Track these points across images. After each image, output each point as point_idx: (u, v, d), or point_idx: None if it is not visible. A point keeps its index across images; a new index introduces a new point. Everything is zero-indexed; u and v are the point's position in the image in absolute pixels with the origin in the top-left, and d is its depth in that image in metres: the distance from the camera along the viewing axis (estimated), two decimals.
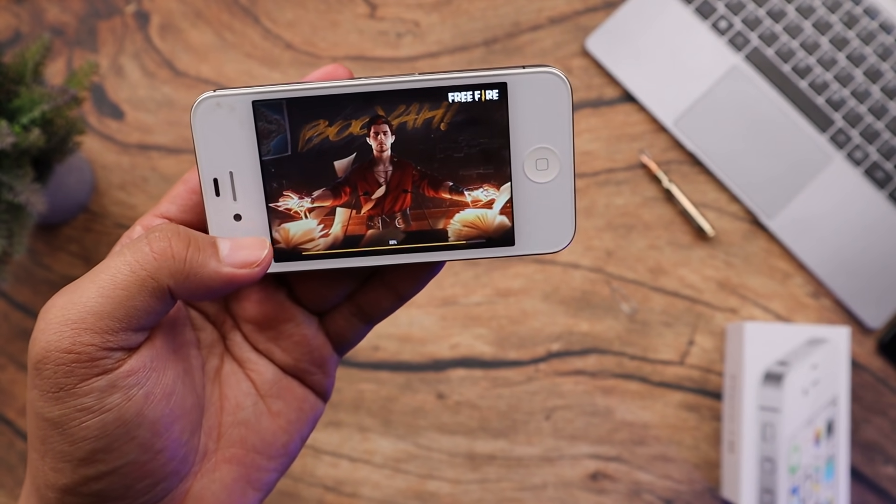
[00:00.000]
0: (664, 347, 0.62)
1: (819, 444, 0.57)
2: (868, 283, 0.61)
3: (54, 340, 0.24)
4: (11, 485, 0.62)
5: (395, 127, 0.28)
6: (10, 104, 0.51)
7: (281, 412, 0.30)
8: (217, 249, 0.26)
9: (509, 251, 0.29)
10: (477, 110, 0.28)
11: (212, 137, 0.28)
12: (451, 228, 0.29)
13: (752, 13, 0.64)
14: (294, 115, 0.28)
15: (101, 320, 0.24)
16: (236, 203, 0.29)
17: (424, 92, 0.28)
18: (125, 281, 0.25)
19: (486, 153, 0.28)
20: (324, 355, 0.31)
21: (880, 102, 0.63)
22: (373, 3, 0.66)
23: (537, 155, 0.28)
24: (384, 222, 0.29)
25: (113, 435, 0.25)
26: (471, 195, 0.28)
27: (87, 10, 0.67)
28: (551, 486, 0.61)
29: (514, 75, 0.28)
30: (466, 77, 0.28)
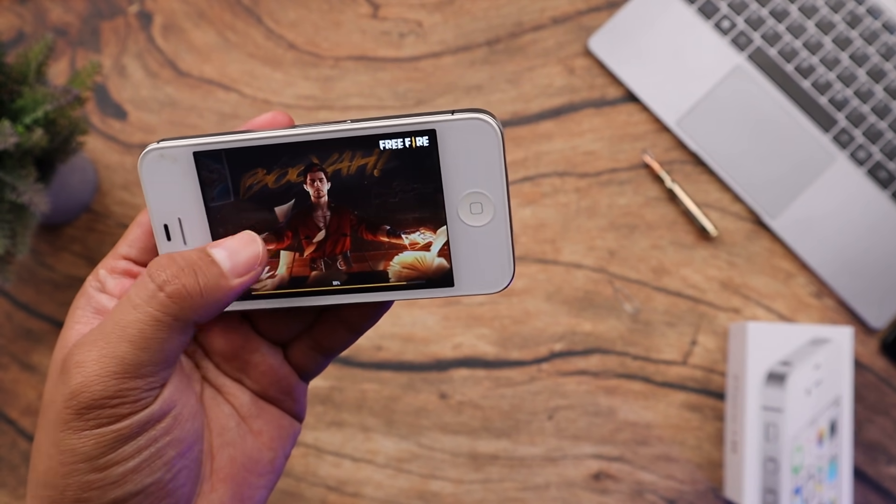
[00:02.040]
0: (667, 347, 0.62)
1: (822, 444, 0.57)
2: (871, 283, 0.61)
3: (99, 390, 0.25)
4: (14, 484, 0.62)
5: (330, 174, 0.28)
6: (13, 104, 0.51)
7: (263, 430, 0.31)
8: (218, 264, 0.27)
9: (449, 292, 0.29)
10: (408, 157, 0.28)
11: (159, 186, 0.29)
12: (392, 270, 0.29)
13: (755, 13, 0.64)
14: (233, 164, 0.29)
15: (142, 368, 0.26)
16: (186, 246, 0.30)
17: (356, 140, 0.28)
18: (154, 331, 0.26)
19: (421, 198, 0.28)
20: (290, 384, 0.32)
21: (883, 102, 0.63)
22: (375, 3, 0.66)
23: (471, 199, 0.28)
24: (327, 264, 0.29)
25: (144, 455, 0.26)
26: (408, 238, 0.29)
27: (90, 10, 0.67)
28: (554, 487, 0.61)
29: (442, 122, 0.28)
30: (395, 125, 0.28)
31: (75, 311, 0.29)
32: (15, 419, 0.63)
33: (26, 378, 0.63)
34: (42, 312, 0.64)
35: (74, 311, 0.29)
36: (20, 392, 0.63)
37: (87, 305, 0.29)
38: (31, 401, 0.63)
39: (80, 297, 0.29)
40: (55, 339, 0.63)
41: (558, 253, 0.63)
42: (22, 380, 0.63)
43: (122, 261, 0.30)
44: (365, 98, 0.65)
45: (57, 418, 0.26)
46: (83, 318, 0.29)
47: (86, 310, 0.29)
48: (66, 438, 0.25)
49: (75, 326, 0.29)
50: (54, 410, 0.26)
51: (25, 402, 0.63)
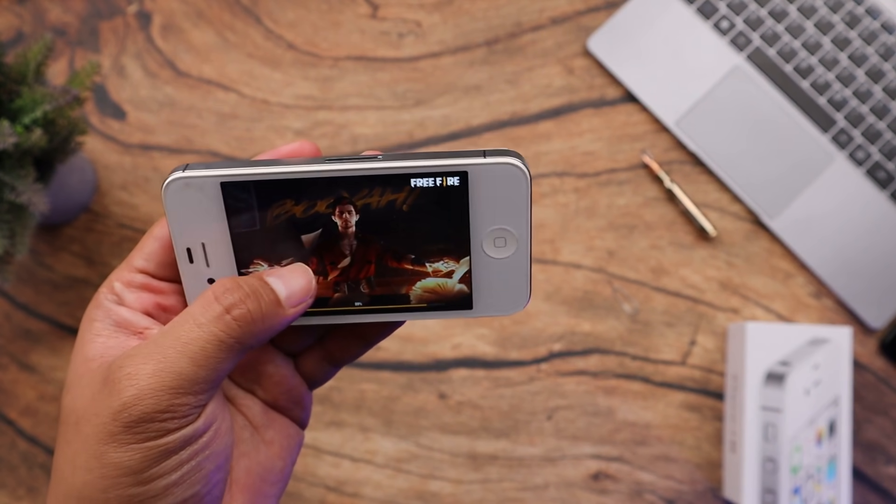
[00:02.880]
0: (666, 347, 0.62)
1: (821, 444, 0.57)
2: (870, 284, 0.61)
3: (152, 404, 0.26)
4: (13, 485, 0.62)
5: (359, 207, 0.29)
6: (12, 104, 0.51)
7: (274, 440, 0.32)
8: (276, 294, 0.28)
9: (467, 314, 0.31)
10: (438, 195, 0.29)
11: (183, 212, 0.29)
12: (413, 294, 0.30)
13: (754, 13, 0.64)
14: (261, 195, 0.29)
15: (197, 385, 0.26)
16: (209, 269, 0.30)
17: (387, 178, 0.28)
18: (216, 351, 0.26)
19: (447, 232, 0.29)
20: (300, 393, 0.33)
21: (882, 102, 0.63)
22: (374, 3, 0.66)
23: (496, 234, 0.30)
24: (350, 287, 0.30)
25: (185, 469, 0.27)
26: (432, 266, 0.30)
27: (89, 10, 0.67)
28: (553, 487, 0.61)
29: (475, 165, 0.28)
30: (429, 165, 0.28)
31: (93, 323, 0.29)
32: (14, 419, 0.63)
33: (25, 378, 0.63)
34: (41, 312, 0.64)
35: (92, 324, 0.29)
36: (19, 392, 0.63)
37: (105, 318, 0.29)
38: (29, 401, 0.63)
39: (96, 309, 0.29)
40: (54, 340, 0.63)
41: (557, 253, 0.63)
42: (21, 380, 0.63)
43: (139, 274, 0.30)
44: (364, 98, 0.65)
45: (100, 431, 0.26)
46: (104, 332, 0.29)
47: (105, 322, 0.29)
48: (110, 452, 0.26)
49: (97, 339, 0.28)
50: (95, 423, 0.26)
51: (24, 402, 0.63)
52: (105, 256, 0.64)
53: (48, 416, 0.63)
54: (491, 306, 0.31)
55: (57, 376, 0.63)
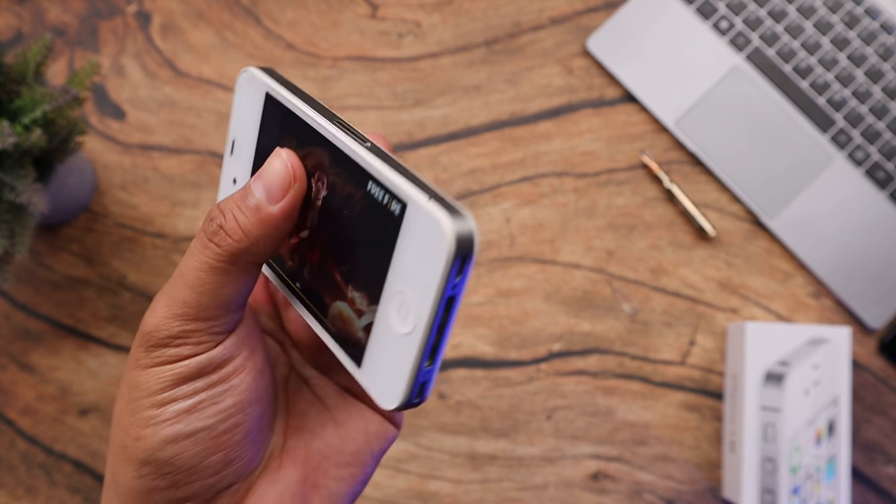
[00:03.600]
0: (665, 347, 0.62)
1: (820, 444, 0.57)
2: (869, 284, 0.61)
3: (164, 330, 0.26)
4: (12, 485, 0.62)
5: (329, 182, 0.26)
6: (11, 104, 0.51)
7: (346, 422, 0.30)
8: (254, 196, 0.26)
9: (355, 371, 0.25)
10: (381, 216, 0.24)
11: (241, 104, 0.31)
12: (331, 310, 0.27)
13: (753, 13, 0.64)
14: (285, 120, 0.29)
15: (202, 311, 0.26)
16: (238, 167, 0.31)
17: (354, 166, 0.25)
18: (209, 276, 0.26)
19: (375, 264, 0.24)
20: None
21: (881, 103, 0.63)
22: (374, 3, 0.66)
23: (402, 299, 0.23)
24: (299, 262, 0.28)
25: (199, 397, 0.26)
26: (352, 293, 0.26)
27: (89, 10, 0.67)
28: (552, 486, 0.61)
29: (414, 201, 0.23)
30: (383, 175, 0.24)
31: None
32: (13, 419, 0.63)
33: (25, 378, 0.63)
34: (40, 312, 0.64)
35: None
36: (19, 392, 0.63)
37: None
38: (29, 401, 0.63)
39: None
40: (54, 339, 0.63)
41: (556, 253, 0.63)
42: (20, 380, 0.63)
43: None
44: (363, 98, 0.65)
45: (131, 360, 0.27)
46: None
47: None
48: (134, 376, 0.26)
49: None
50: (129, 356, 0.27)
51: (24, 402, 0.63)
52: (104, 256, 0.64)
53: (47, 415, 0.63)
54: (372, 381, 0.25)
55: (56, 376, 0.63)
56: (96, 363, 0.63)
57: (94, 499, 0.62)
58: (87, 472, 0.62)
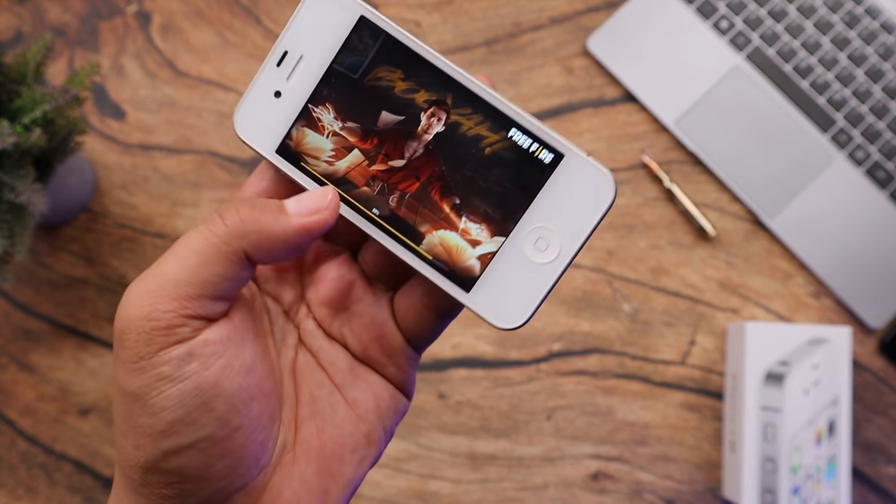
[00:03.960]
0: (665, 347, 0.62)
1: (820, 444, 0.57)
2: (869, 283, 0.61)
3: (135, 310, 0.25)
4: (12, 485, 0.62)
5: (450, 120, 0.28)
6: (11, 104, 0.51)
7: (357, 401, 0.30)
8: (283, 206, 0.27)
9: (461, 296, 0.28)
10: (524, 159, 0.27)
11: (310, 18, 0.29)
12: (429, 239, 0.28)
13: (754, 13, 0.64)
14: (383, 50, 0.28)
15: (179, 287, 0.25)
16: (286, 83, 0.29)
17: (495, 112, 0.27)
18: (201, 248, 0.25)
19: (505, 200, 0.27)
20: (392, 344, 0.30)
21: (881, 102, 0.63)
22: (374, 2, 0.66)
23: (544, 234, 0.27)
24: (381, 189, 0.28)
25: (191, 405, 0.25)
26: (466, 224, 0.28)
27: (89, 10, 0.67)
28: (552, 486, 0.61)
29: (575, 154, 0.27)
30: (536, 126, 0.27)
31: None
32: (13, 419, 0.63)
33: (25, 378, 0.63)
34: (40, 312, 0.64)
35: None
36: (18, 392, 0.63)
37: None
38: (29, 401, 0.63)
39: None
40: (54, 339, 0.63)
41: None
42: (20, 380, 0.63)
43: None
44: None
45: (114, 354, 0.26)
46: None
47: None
48: (120, 374, 0.25)
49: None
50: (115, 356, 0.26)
51: (24, 402, 0.63)
52: (104, 256, 0.64)
53: (47, 415, 0.63)
54: (486, 305, 0.28)
55: (56, 376, 0.63)
56: (96, 363, 0.63)
57: (95, 499, 0.62)
58: (87, 472, 0.62)
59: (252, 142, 0.29)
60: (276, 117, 0.29)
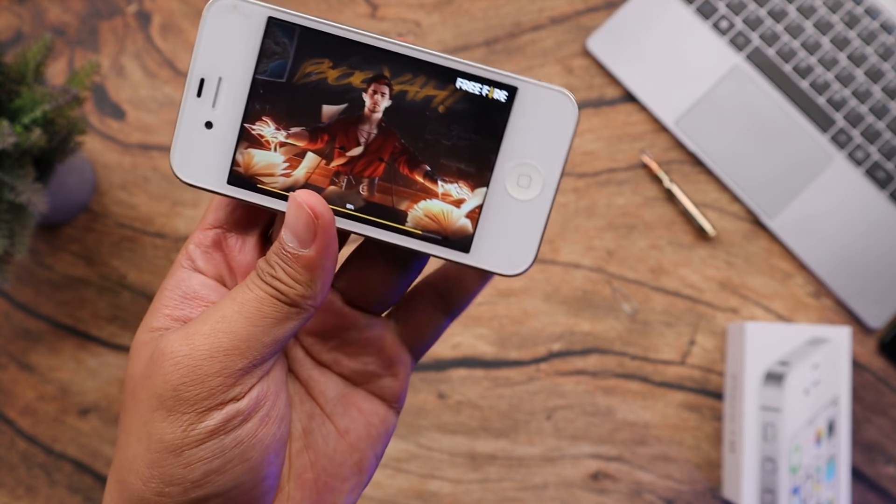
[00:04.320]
0: (665, 347, 0.62)
1: (820, 443, 0.57)
2: (869, 283, 0.61)
3: (205, 366, 0.25)
4: (12, 484, 0.62)
5: (394, 92, 0.27)
6: (11, 104, 0.51)
7: (348, 429, 0.30)
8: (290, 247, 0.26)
9: (462, 257, 0.27)
10: (479, 105, 0.27)
11: (216, 38, 0.27)
12: (412, 214, 0.27)
13: (753, 13, 0.64)
14: (303, 44, 0.27)
15: (252, 348, 0.25)
16: (213, 110, 0.28)
17: (436, 69, 0.27)
18: (271, 310, 0.25)
19: (473, 151, 0.27)
20: (392, 354, 0.30)
21: (881, 102, 0.63)
22: (374, 3, 0.66)
23: (523, 170, 0.27)
24: (349, 183, 0.28)
25: (228, 456, 0.25)
26: (443, 187, 0.27)
27: (89, 10, 0.67)
28: (552, 486, 0.61)
29: (526, 83, 0.27)
30: (480, 69, 0.27)
31: (164, 292, 0.28)
32: (13, 419, 0.63)
33: (25, 378, 0.63)
34: (40, 312, 0.64)
35: (163, 293, 0.28)
36: (18, 392, 0.63)
37: (176, 288, 0.28)
38: (29, 401, 0.63)
39: (170, 277, 0.28)
40: (54, 339, 0.63)
41: (556, 253, 0.63)
42: (20, 380, 0.63)
43: (211, 231, 0.28)
44: None
45: (152, 396, 0.25)
46: (171, 303, 0.28)
47: (175, 292, 0.28)
48: (157, 421, 0.25)
49: (163, 310, 0.27)
50: (149, 389, 0.25)
51: (24, 401, 0.63)
52: (104, 256, 0.64)
53: (47, 415, 0.63)
54: (490, 258, 0.27)
55: (56, 376, 0.63)
56: (96, 363, 0.63)
57: (94, 499, 0.62)
58: (87, 472, 0.62)
59: (199, 181, 0.28)
60: (214, 149, 0.28)
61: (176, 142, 0.28)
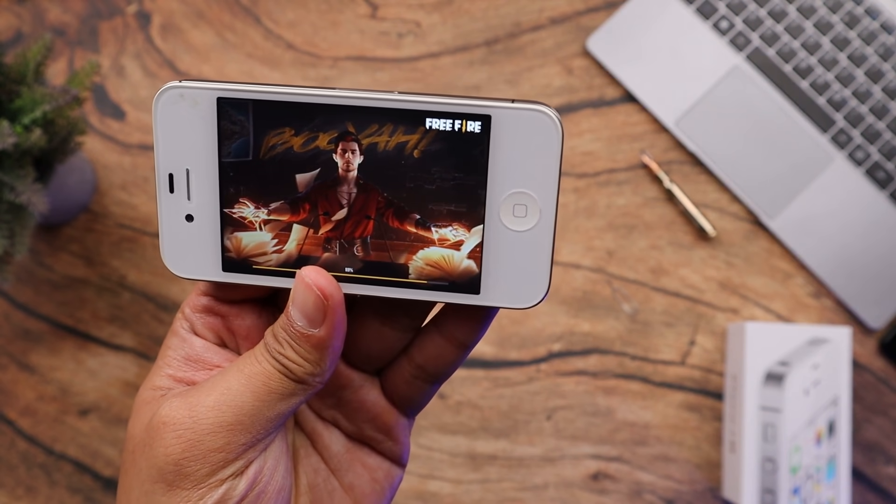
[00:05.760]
0: (665, 348, 0.62)
1: (820, 444, 0.57)
2: (869, 284, 0.61)
3: (208, 441, 0.25)
4: (12, 485, 0.62)
5: (364, 147, 0.26)
6: (11, 104, 0.51)
7: (353, 485, 0.29)
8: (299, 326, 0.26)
9: (473, 300, 0.27)
10: (455, 141, 0.26)
11: (172, 130, 0.27)
12: (413, 265, 0.27)
13: (754, 13, 0.64)
14: (260, 118, 0.26)
15: (256, 424, 0.25)
16: (190, 203, 0.27)
17: (401, 113, 0.26)
18: (279, 385, 0.25)
19: (461, 190, 0.26)
20: (388, 422, 0.30)
21: (881, 102, 0.63)
22: (374, 3, 0.66)
23: (516, 200, 0.26)
24: (342, 247, 0.27)
25: None
26: (438, 232, 0.26)
27: (89, 10, 0.67)
28: (552, 487, 0.61)
29: (499, 109, 0.25)
30: (447, 104, 0.25)
31: (167, 351, 0.28)
32: (13, 419, 0.63)
33: (25, 378, 0.63)
34: (40, 313, 0.64)
35: (166, 352, 0.28)
36: (19, 392, 0.63)
37: (179, 348, 0.28)
38: (29, 401, 0.63)
39: (172, 336, 0.28)
40: (53, 340, 0.63)
41: (556, 253, 0.63)
42: (20, 380, 0.63)
43: (203, 297, 0.28)
44: None
45: (152, 467, 0.25)
46: (174, 364, 0.28)
47: (178, 353, 0.28)
48: (158, 495, 0.25)
49: (166, 370, 0.27)
50: (149, 457, 0.25)
51: (24, 402, 0.63)
52: (104, 256, 0.64)
53: (47, 415, 0.63)
54: (502, 294, 0.26)
55: (56, 376, 0.63)
56: (96, 363, 0.63)
57: (94, 499, 0.62)
58: (86, 472, 0.62)
59: (195, 274, 0.28)
60: (202, 239, 0.27)
61: (163, 240, 0.28)
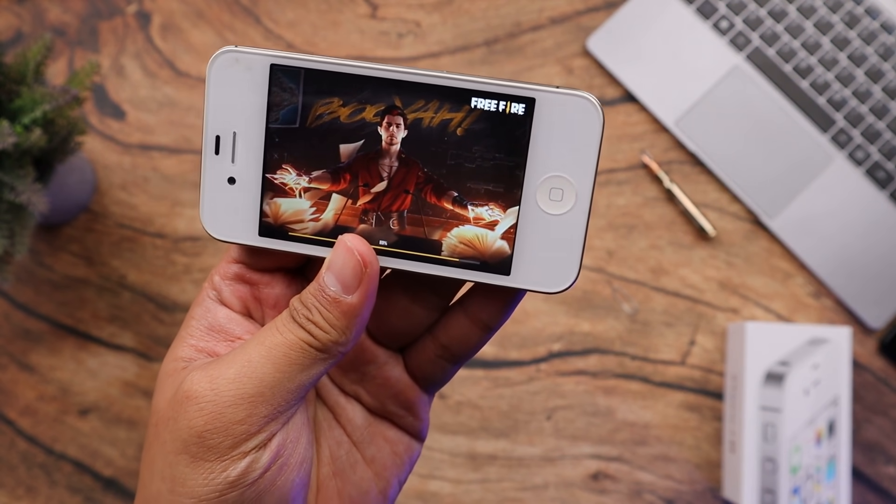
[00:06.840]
0: (665, 347, 0.62)
1: (820, 444, 0.57)
2: (869, 284, 0.61)
3: (229, 413, 0.25)
4: (12, 484, 0.62)
5: (409, 121, 0.27)
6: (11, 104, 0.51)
7: (375, 458, 0.30)
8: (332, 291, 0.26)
9: (503, 280, 0.27)
10: (498, 122, 0.26)
11: (223, 93, 0.27)
12: (447, 242, 0.27)
13: (754, 13, 0.64)
14: (310, 87, 0.27)
15: (277, 395, 0.25)
16: (234, 166, 0.28)
17: (448, 91, 0.26)
18: (299, 356, 0.25)
19: (499, 170, 0.26)
20: (410, 398, 0.30)
21: (881, 102, 0.63)
22: (374, 3, 0.66)
23: (554, 184, 0.26)
24: (378, 220, 0.27)
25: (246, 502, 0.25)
26: (474, 211, 0.27)
27: (89, 10, 0.67)
28: (552, 486, 0.61)
29: (545, 93, 0.26)
30: (494, 84, 0.26)
31: (190, 321, 0.28)
32: (13, 419, 0.63)
33: (25, 378, 0.63)
34: (40, 313, 0.64)
35: (189, 323, 0.28)
36: (19, 392, 0.63)
37: (203, 318, 0.28)
38: (29, 401, 0.63)
39: (197, 306, 0.28)
40: (53, 339, 0.63)
41: None
42: (20, 380, 0.63)
43: (234, 264, 0.29)
44: None
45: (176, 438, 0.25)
46: (197, 333, 0.28)
47: (201, 323, 0.28)
48: (182, 465, 0.25)
49: (189, 340, 0.28)
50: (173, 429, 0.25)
51: (24, 402, 0.63)
52: (104, 256, 0.64)
53: (47, 415, 0.63)
54: (532, 277, 0.27)
55: (56, 376, 0.63)
56: (96, 363, 0.63)
57: (94, 499, 0.62)
58: (87, 472, 0.62)
59: (231, 237, 0.28)
60: (241, 203, 0.28)
61: (203, 201, 0.28)
